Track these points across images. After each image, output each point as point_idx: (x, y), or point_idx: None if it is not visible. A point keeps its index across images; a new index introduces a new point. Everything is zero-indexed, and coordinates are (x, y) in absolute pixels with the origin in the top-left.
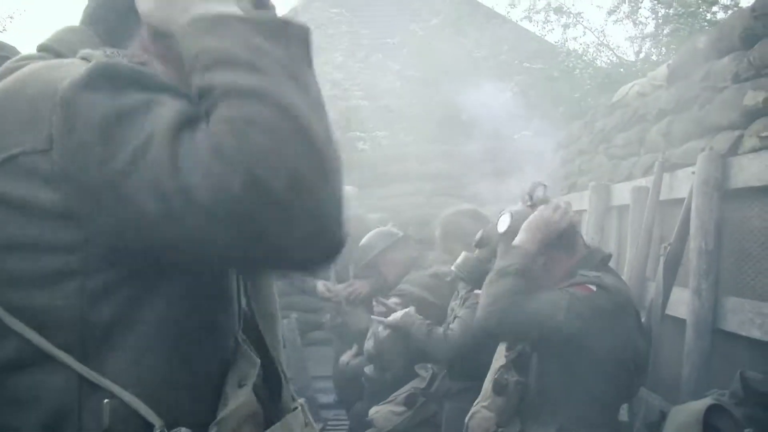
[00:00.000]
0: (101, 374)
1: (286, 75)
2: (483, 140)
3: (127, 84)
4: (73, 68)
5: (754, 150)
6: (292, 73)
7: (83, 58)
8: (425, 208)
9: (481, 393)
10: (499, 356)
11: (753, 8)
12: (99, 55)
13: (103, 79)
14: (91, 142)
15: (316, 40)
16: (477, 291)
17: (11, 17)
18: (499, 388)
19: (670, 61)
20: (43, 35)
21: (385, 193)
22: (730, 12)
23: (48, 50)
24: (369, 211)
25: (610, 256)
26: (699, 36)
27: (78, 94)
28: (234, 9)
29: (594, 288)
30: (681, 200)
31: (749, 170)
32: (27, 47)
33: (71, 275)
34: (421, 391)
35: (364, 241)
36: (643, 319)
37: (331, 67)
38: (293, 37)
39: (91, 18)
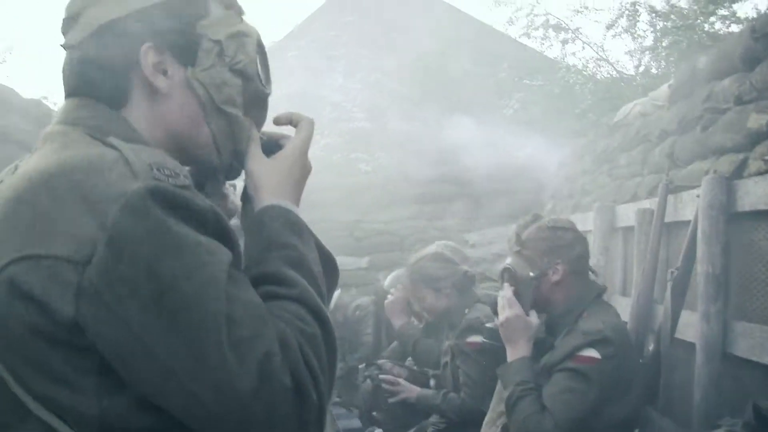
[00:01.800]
0: None
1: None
2: (485, 159)
3: (177, 217)
4: (111, 175)
5: (760, 173)
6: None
7: (111, 146)
8: (429, 231)
9: None
10: (501, 400)
11: (753, 29)
12: (129, 152)
13: (154, 207)
14: (135, 282)
15: (316, 62)
16: (472, 338)
17: (11, 51)
18: None
19: (671, 81)
20: (42, 68)
21: (387, 216)
22: (728, 23)
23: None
24: (371, 234)
25: (605, 289)
26: (699, 56)
27: (128, 226)
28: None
29: (598, 356)
30: (686, 222)
31: (755, 193)
32: (25, 79)
33: (87, 373)
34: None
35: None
36: (651, 346)
37: (331, 89)
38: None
39: (85, 87)
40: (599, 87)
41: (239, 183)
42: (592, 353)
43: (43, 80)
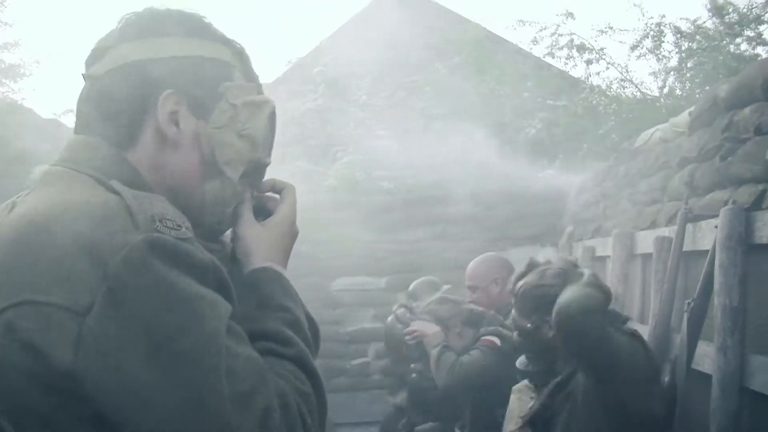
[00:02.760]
0: None
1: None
2: (507, 180)
3: (178, 269)
4: (113, 226)
5: None
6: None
7: (115, 192)
8: (452, 252)
9: None
10: (511, 418)
11: None
12: (132, 200)
13: (154, 260)
14: (134, 335)
15: (340, 78)
16: (489, 337)
17: (38, 62)
18: None
19: (692, 108)
20: (69, 81)
21: (410, 237)
22: (754, 45)
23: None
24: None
25: (627, 319)
26: (720, 84)
27: (128, 279)
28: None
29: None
30: (705, 252)
31: None
32: (54, 93)
33: (82, 423)
34: None
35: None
36: (667, 377)
37: (355, 106)
38: None
39: (97, 120)
40: (623, 108)
41: None
42: None
43: (69, 94)
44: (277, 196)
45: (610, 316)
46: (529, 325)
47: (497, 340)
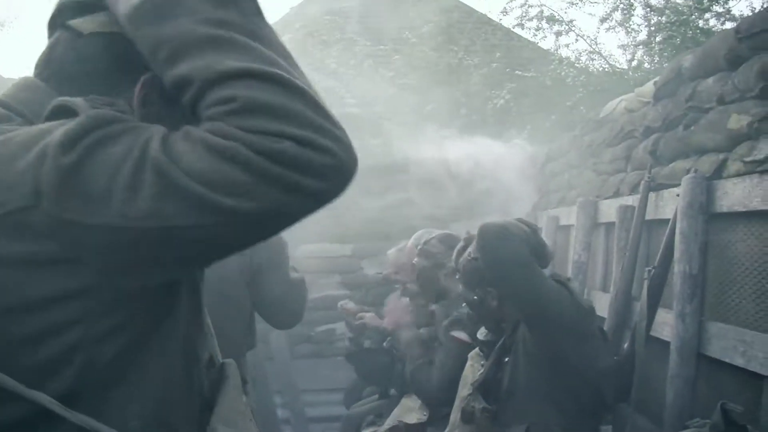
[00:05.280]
0: (104, 419)
1: (251, 39)
2: (475, 149)
3: (117, 129)
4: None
5: (739, 174)
6: (255, 34)
7: (62, 106)
8: (417, 220)
9: (450, 422)
10: (464, 385)
11: (737, 30)
12: (81, 102)
13: (93, 128)
14: (89, 189)
15: (310, 46)
16: (458, 333)
17: (2, 25)
18: (466, 417)
19: (656, 78)
20: (37, 43)
21: (377, 204)
22: (723, 20)
23: (9, 110)
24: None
25: (567, 280)
26: (685, 54)
27: (70, 146)
28: None
29: None
30: (667, 221)
31: (733, 195)
32: (19, 55)
33: (72, 324)
34: None
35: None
36: (626, 343)
37: (324, 74)
38: None
39: (55, 75)
40: (591, 80)
41: None
42: None
43: (34, 57)
44: None
45: (553, 275)
46: (475, 297)
47: (467, 337)
